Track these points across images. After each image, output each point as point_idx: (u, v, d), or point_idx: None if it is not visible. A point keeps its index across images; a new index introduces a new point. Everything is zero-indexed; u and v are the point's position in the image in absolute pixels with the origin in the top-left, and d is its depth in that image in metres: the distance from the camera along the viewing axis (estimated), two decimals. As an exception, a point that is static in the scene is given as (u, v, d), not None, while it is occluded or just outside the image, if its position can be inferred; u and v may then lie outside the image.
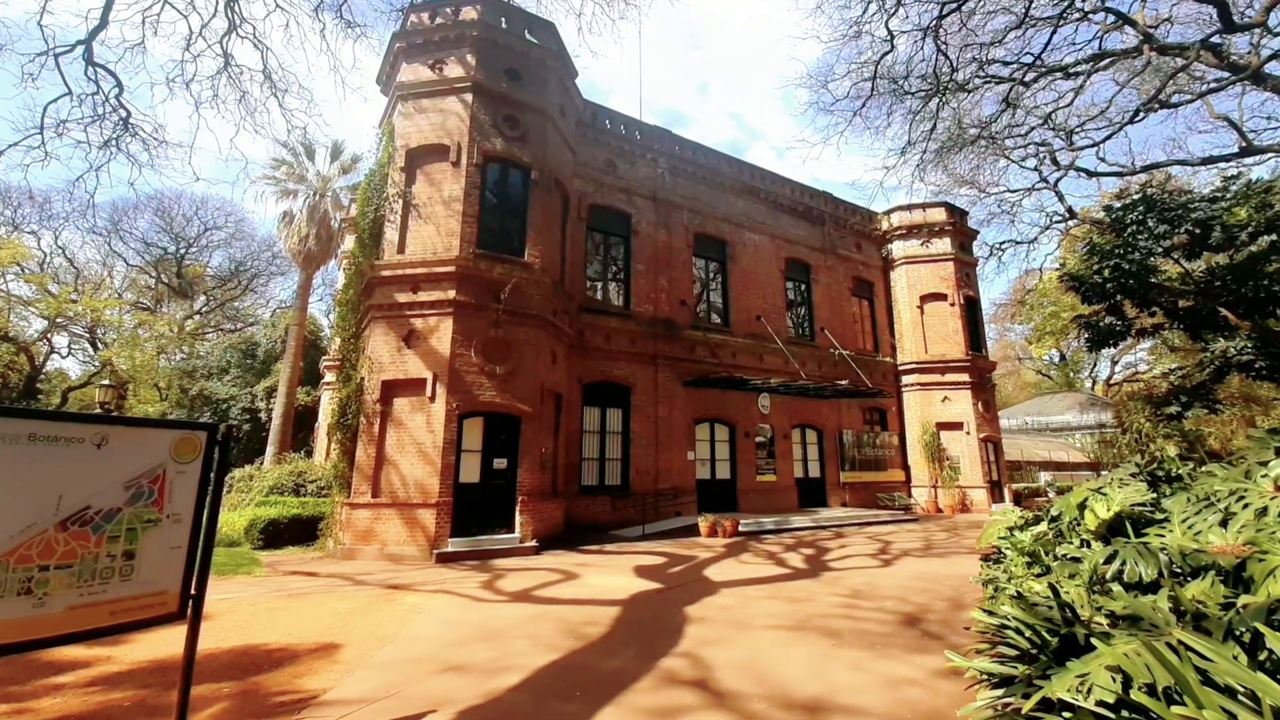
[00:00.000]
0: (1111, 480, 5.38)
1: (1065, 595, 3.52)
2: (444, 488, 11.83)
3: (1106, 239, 15.54)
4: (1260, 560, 3.14)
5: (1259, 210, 13.20)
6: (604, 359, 16.52)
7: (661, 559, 11.49)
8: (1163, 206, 14.62)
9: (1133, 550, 3.73)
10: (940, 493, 23.19)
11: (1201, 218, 14.15)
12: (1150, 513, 4.57)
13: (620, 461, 16.48)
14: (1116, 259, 15.06)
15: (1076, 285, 16.67)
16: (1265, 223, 13.13)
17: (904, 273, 25.42)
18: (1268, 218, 13.06)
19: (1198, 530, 3.96)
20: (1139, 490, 4.90)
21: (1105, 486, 5.20)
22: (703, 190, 20.01)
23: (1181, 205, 14.52)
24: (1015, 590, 4.49)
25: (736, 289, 20.15)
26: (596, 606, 7.69)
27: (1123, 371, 49.38)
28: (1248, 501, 3.92)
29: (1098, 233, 16.71)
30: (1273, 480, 4.02)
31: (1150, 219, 14.69)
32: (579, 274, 16.60)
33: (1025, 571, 5.16)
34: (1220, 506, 4.09)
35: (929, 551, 12.72)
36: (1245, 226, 13.36)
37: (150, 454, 3.45)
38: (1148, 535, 4.23)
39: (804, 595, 8.37)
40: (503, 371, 12.76)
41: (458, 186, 13.13)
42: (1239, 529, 3.67)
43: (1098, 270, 15.44)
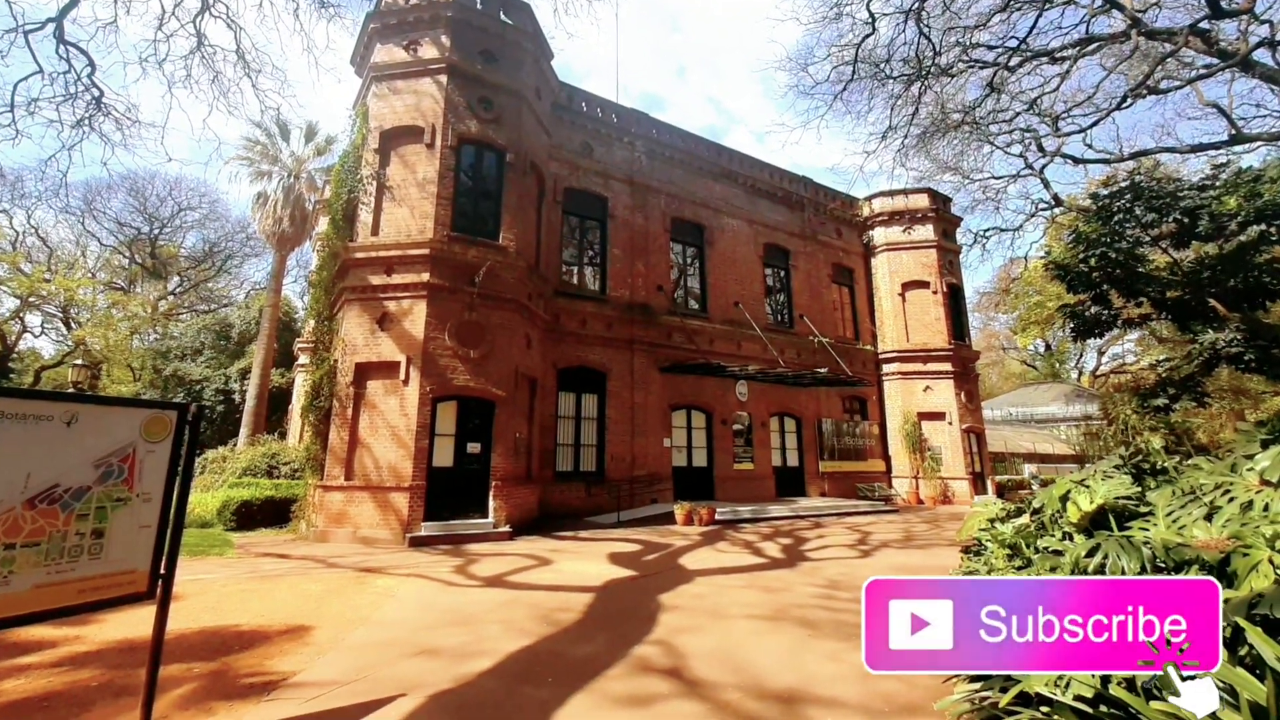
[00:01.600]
0: (1095, 472, 5.38)
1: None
2: (417, 471, 12.28)
3: (1093, 227, 15.40)
4: (1244, 555, 3.18)
5: (1248, 199, 13.22)
6: (579, 344, 16.97)
7: (636, 546, 11.79)
8: (1150, 194, 14.64)
9: (1115, 543, 3.76)
10: (921, 484, 23.70)
11: (1190, 206, 14.19)
12: (1135, 506, 4.59)
13: (595, 448, 17.00)
14: (1103, 247, 15.01)
15: (1062, 274, 16.21)
16: (1255, 212, 13.15)
17: (885, 259, 26.03)
18: (1257, 207, 13.09)
19: (1182, 524, 3.99)
20: (1123, 483, 4.92)
21: (1088, 479, 5.22)
22: (680, 174, 20.50)
23: (1170, 193, 14.54)
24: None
25: (714, 274, 20.68)
26: (569, 593, 7.85)
27: (1109, 363, 50.19)
28: (1233, 495, 3.99)
29: (1084, 220, 16.67)
30: (1258, 474, 4.06)
31: (1138, 207, 14.71)
32: (554, 258, 17.02)
33: (1006, 564, 5.19)
34: (1205, 500, 4.13)
35: (909, 543, 12.96)
36: (1235, 216, 13.38)
37: (120, 433, 3.51)
38: (1131, 529, 4.27)
39: (780, 585, 8.50)
40: (477, 355, 13.15)
41: (432, 169, 13.49)
42: (1223, 523, 3.73)
43: (1084, 259, 15.34)
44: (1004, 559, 5.31)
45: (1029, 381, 51.73)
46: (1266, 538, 3.30)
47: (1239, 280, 14.30)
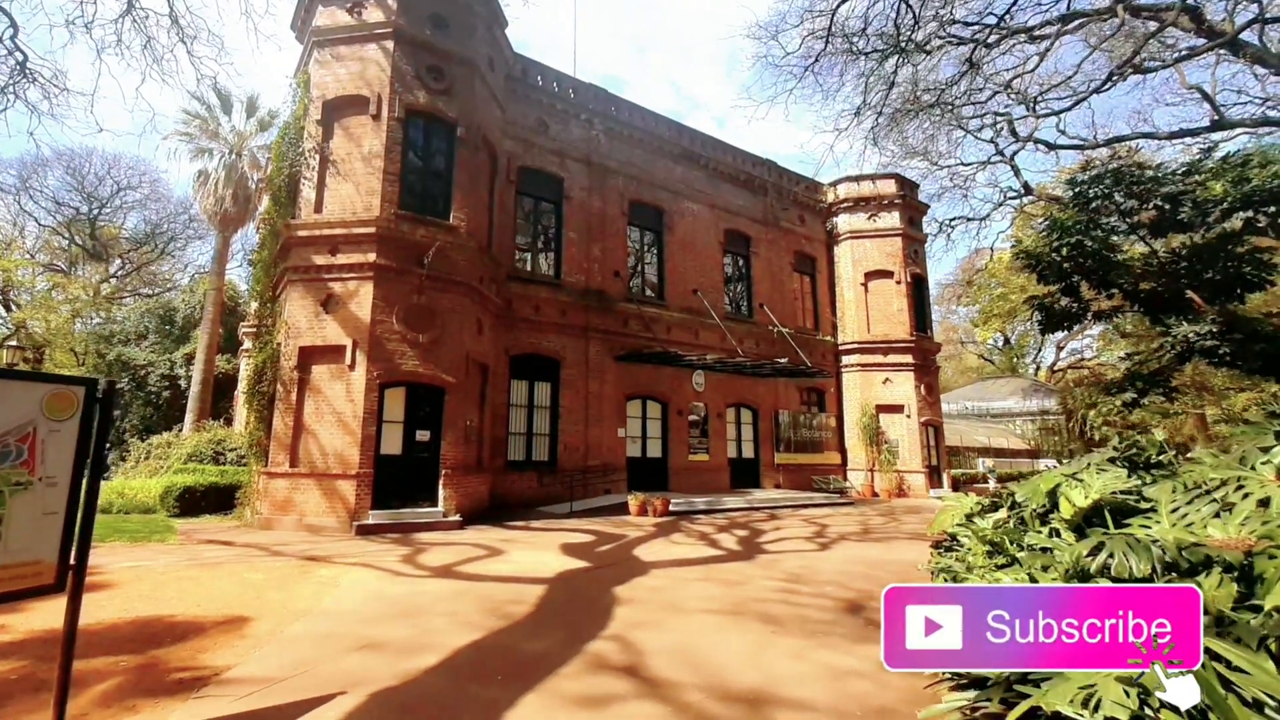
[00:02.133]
0: (1088, 465, 5.22)
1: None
2: (364, 459, 12.18)
3: (1069, 214, 15.47)
4: (1273, 556, 3.01)
5: (1236, 185, 13.07)
6: (533, 330, 16.92)
7: (590, 537, 11.84)
8: (1131, 180, 14.47)
9: (1121, 541, 3.55)
10: (877, 476, 24.11)
11: (1173, 192, 14.00)
12: (1134, 502, 4.42)
13: (548, 437, 17.01)
14: (1079, 235, 14.95)
15: (1033, 264, 16.39)
16: (1242, 198, 13.02)
17: (849, 248, 26.21)
18: (1245, 192, 12.96)
19: (1190, 521, 3.81)
20: (1119, 477, 4.76)
21: (1081, 472, 5.06)
22: (639, 155, 20.51)
23: (1152, 179, 14.37)
24: (984, 584, 4.44)
25: (673, 261, 20.77)
26: (521, 584, 7.76)
27: (1067, 358, 51.04)
28: (1248, 491, 3.78)
29: (1059, 208, 16.51)
30: (1275, 468, 3.88)
31: (1117, 193, 14.54)
32: (508, 240, 16.91)
33: (987, 562, 5.05)
34: (1216, 496, 3.92)
35: (867, 536, 13.06)
36: (1220, 202, 13.25)
37: (17, 410, 3.28)
38: (1130, 526, 4.08)
39: (739, 578, 8.46)
40: (426, 340, 13.03)
41: (378, 142, 13.28)
42: (1241, 520, 3.54)
43: (1056, 248, 15.28)
44: (984, 556, 5.22)
45: (986, 376, 52.71)
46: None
47: (1217, 271, 14.33)
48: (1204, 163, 14.22)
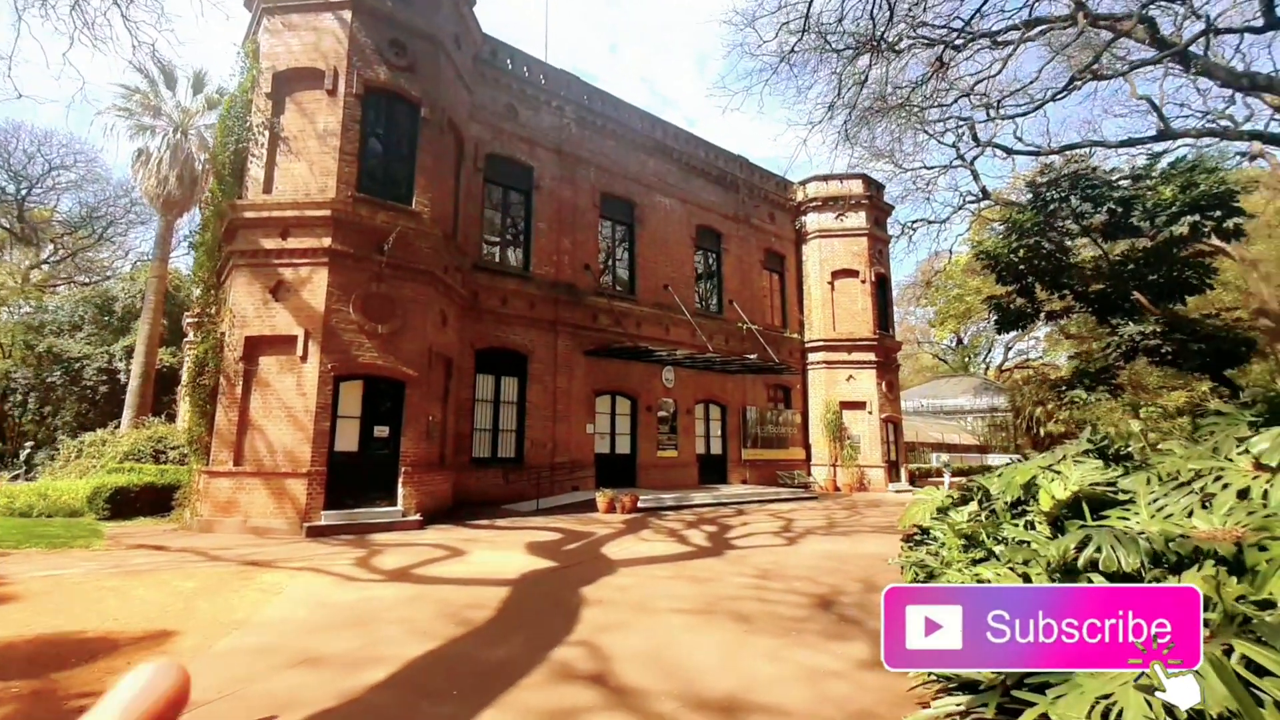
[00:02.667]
0: (1064, 458, 5.14)
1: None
2: (317, 456, 11.26)
3: (1028, 215, 15.75)
4: (1264, 548, 2.93)
5: (1184, 190, 13.53)
6: (500, 323, 16.09)
7: (556, 535, 11.33)
8: (1087, 184, 14.88)
9: (1108, 535, 3.47)
10: (839, 471, 23.97)
11: (1125, 196, 14.42)
12: (1111, 493, 4.36)
13: (515, 433, 16.21)
14: (1035, 237, 15.30)
15: (992, 264, 16.96)
16: (1190, 203, 13.47)
17: (817, 246, 25.95)
18: (1193, 197, 13.41)
19: (1169, 513, 3.78)
20: (1096, 468, 4.70)
21: (1058, 464, 5.00)
22: (611, 146, 19.73)
23: (1105, 183, 14.79)
24: (963, 579, 4.36)
25: (644, 255, 20.09)
26: (483, 587, 7.30)
27: (1015, 358, 52.35)
28: (1227, 481, 3.74)
29: (1018, 210, 16.76)
30: (1254, 458, 3.81)
31: (1074, 196, 14.89)
32: (474, 229, 16.02)
33: (962, 556, 5.00)
34: (1195, 488, 3.89)
35: (832, 530, 12.90)
36: (1169, 206, 13.63)
37: None
38: (1109, 518, 4.02)
39: (709, 575, 8.20)
40: (385, 331, 12.14)
41: (334, 119, 12.27)
42: (1226, 511, 3.50)
43: (1014, 249, 15.67)
44: (959, 549, 5.12)
45: (940, 374, 53.50)
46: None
47: (1162, 275, 14.81)
48: (1154, 168, 14.58)
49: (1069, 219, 15.24)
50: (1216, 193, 13.33)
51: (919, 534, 6.59)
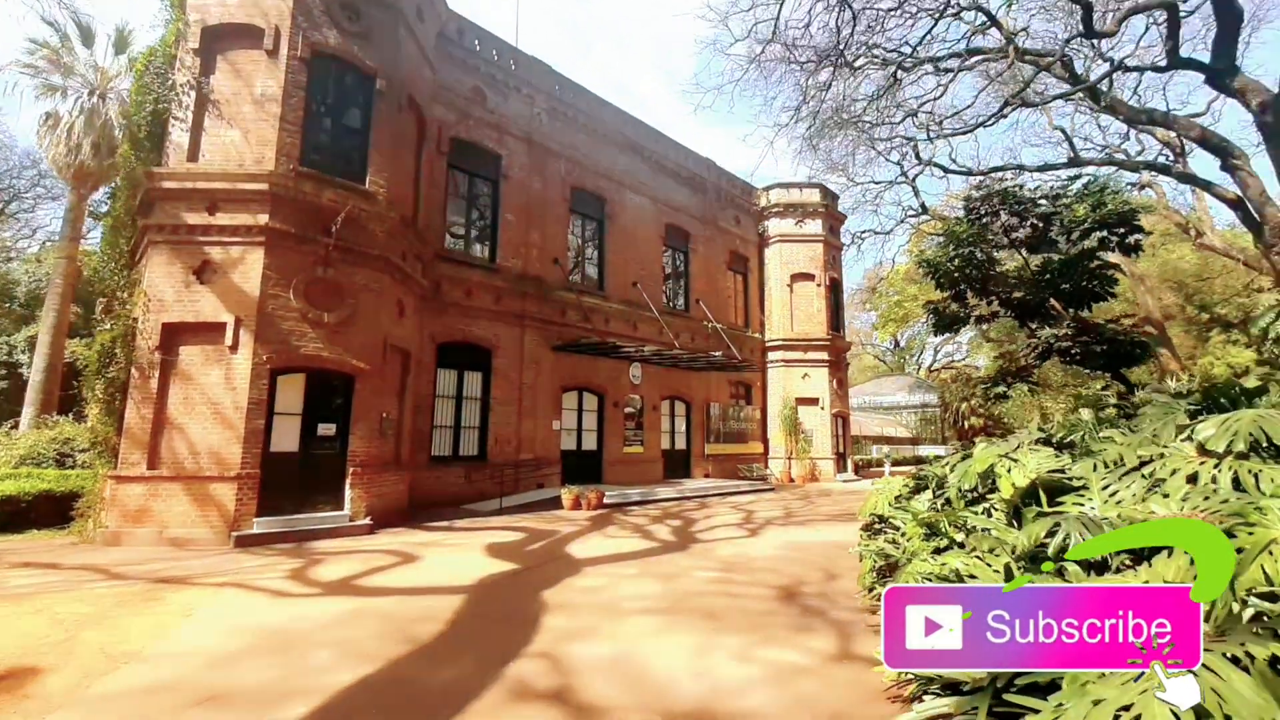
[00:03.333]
0: (1019, 446, 4.82)
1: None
2: (249, 457, 8.93)
3: (964, 227, 15.52)
4: (1232, 535, 2.67)
5: (1094, 209, 13.71)
6: (463, 316, 13.78)
7: (519, 535, 9.77)
8: (1014, 200, 14.88)
9: (1076, 523, 3.29)
10: (794, 464, 22.74)
11: (1045, 212, 14.51)
12: (1065, 480, 4.09)
13: (478, 430, 13.96)
14: (970, 247, 15.14)
15: (932, 271, 16.51)
16: (1098, 220, 13.69)
17: (778, 250, 24.43)
18: (1101, 215, 13.61)
19: (1121, 499, 3.57)
20: (1050, 456, 4.40)
21: (1014, 452, 4.64)
22: (583, 140, 17.47)
23: (1030, 200, 14.86)
24: (931, 569, 3.85)
25: (613, 251, 17.93)
26: (435, 596, 6.05)
27: (942, 359, 52.34)
28: (1175, 467, 3.56)
29: (956, 222, 16.46)
30: (1197, 444, 3.63)
31: (1003, 211, 14.86)
32: (437, 216, 13.66)
33: (924, 545, 4.56)
34: (1145, 473, 3.68)
35: (790, 520, 11.97)
36: (1082, 222, 13.82)
37: None
38: (1064, 504, 3.79)
39: (675, 570, 7.35)
40: (333, 320, 9.83)
41: (274, 83, 9.83)
42: (1182, 496, 3.26)
43: (951, 258, 15.44)
44: (920, 538, 4.77)
45: (879, 374, 53.06)
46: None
47: (1072, 284, 14.97)
48: (1070, 188, 14.88)
49: (999, 232, 15.23)
50: (1122, 212, 13.66)
51: (878, 523, 6.17)
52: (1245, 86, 11.59)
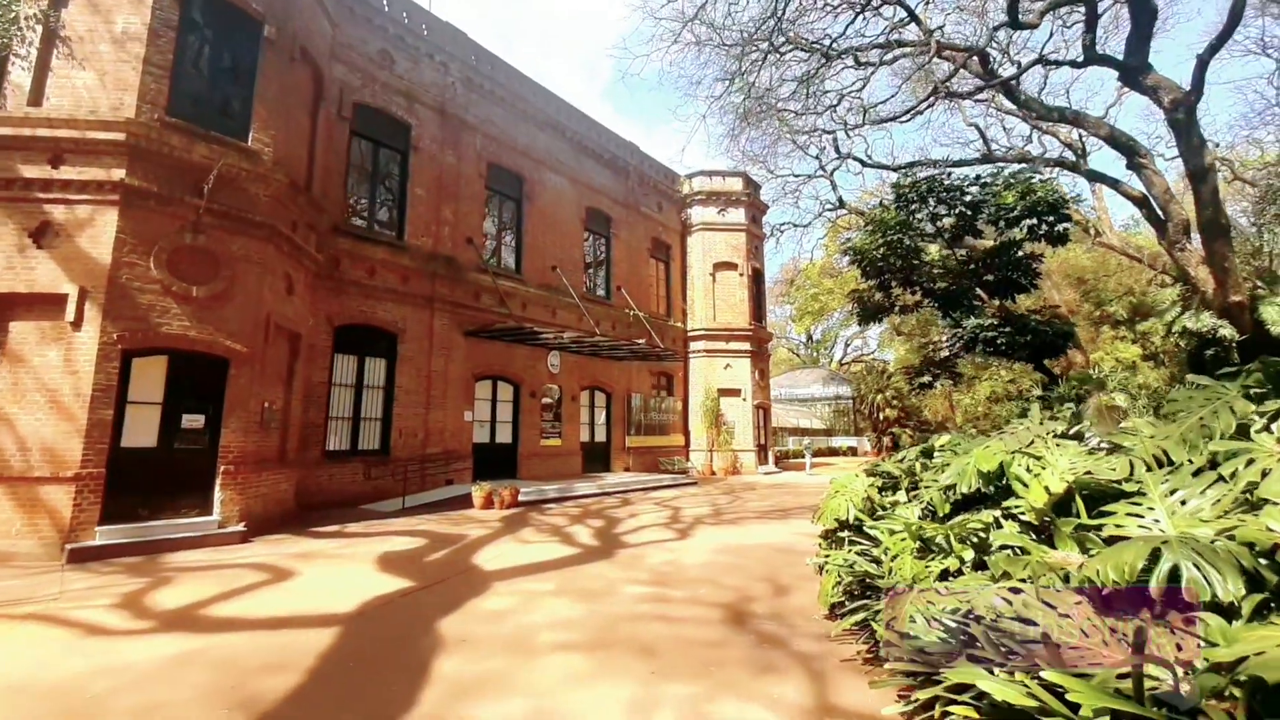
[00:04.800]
0: (1041, 440, 4.07)
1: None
2: (92, 454, 7.63)
3: (892, 214, 15.59)
4: None
5: (1022, 196, 13.80)
6: (365, 297, 12.59)
7: (420, 541, 8.66)
8: (942, 188, 14.94)
9: (1184, 549, 2.35)
10: (716, 456, 22.56)
11: (974, 200, 14.55)
12: (1111, 484, 3.31)
13: (380, 421, 12.82)
14: (897, 234, 15.20)
15: (859, 259, 16.55)
16: (1028, 208, 13.75)
17: (701, 239, 24.15)
18: (1030, 203, 13.68)
19: (1197, 508, 2.83)
20: (1081, 454, 3.66)
21: (1036, 447, 3.94)
22: (500, 114, 16.44)
23: (958, 188, 14.88)
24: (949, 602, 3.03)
25: (532, 233, 17.04)
26: (300, 631, 4.88)
27: (854, 353, 54.22)
28: (1267, 467, 2.76)
29: (881, 210, 16.70)
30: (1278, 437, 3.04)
31: (931, 198, 14.96)
32: (337, 186, 12.39)
33: (920, 564, 3.77)
34: (1224, 473, 2.91)
35: (720, 518, 11.30)
36: (1011, 210, 13.87)
37: None
38: (1115, 516, 3.02)
39: (600, 585, 6.36)
40: (204, 295, 8.58)
41: (138, 21, 8.42)
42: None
43: (879, 245, 15.47)
44: (911, 553, 3.94)
45: (794, 367, 54.20)
46: None
47: (997, 275, 15.22)
48: (999, 176, 15.00)
49: (926, 220, 15.41)
50: (1050, 200, 13.73)
51: (842, 530, 5.42)
52: (1158, 83, 11.63)
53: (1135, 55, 11.73)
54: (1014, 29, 13.88)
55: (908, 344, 40.59)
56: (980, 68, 14.93)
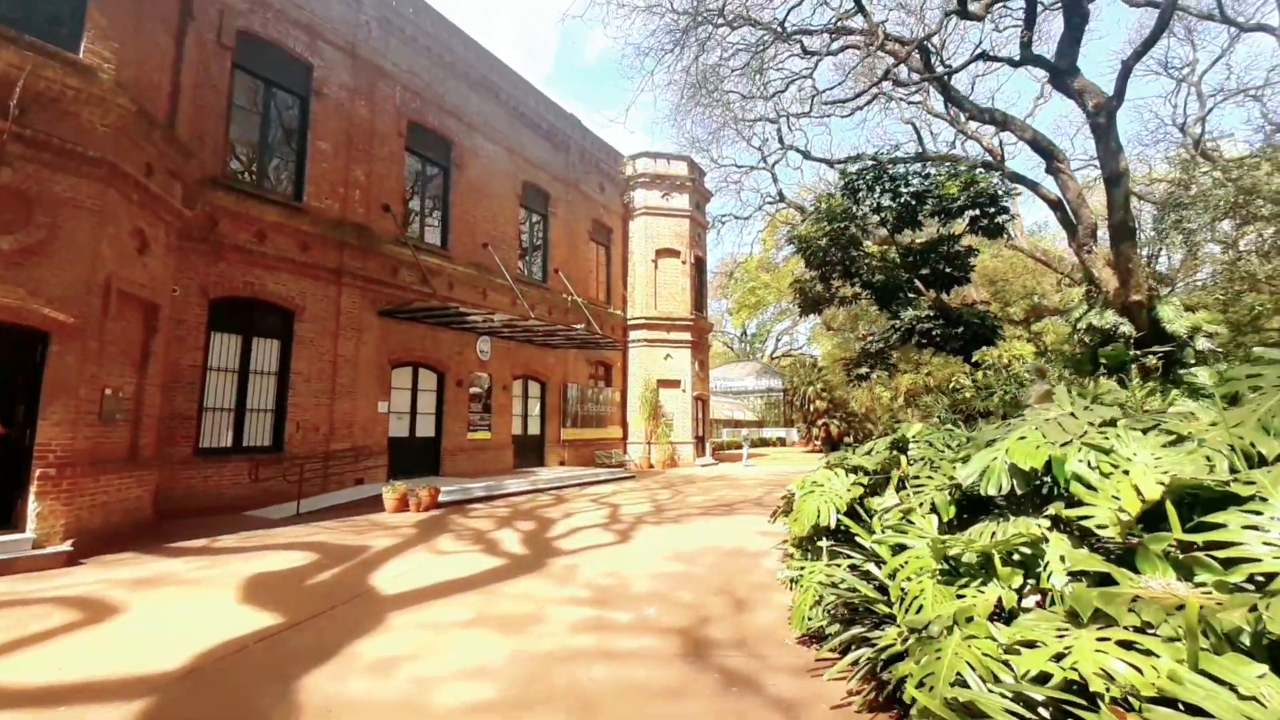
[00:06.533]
0: (1100, 425, 3.16)
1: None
2: None
3: (838, 201, 15.31)
4: None
5: (966, 187, 13.75)
6: (253, 265, 10.39)
7: (308, 556, 6.89)
8: (888, 176, 14.73)
9: None
10: (654, 449, 21.25)
11: (919, 190, 14.38)
12: (1220, 487, 2.42)
13: (273, 413, 10.68)
14: (842, 222, 14.86)
15: (804, 248, 16.13)
16: (971, 199, 13.74)
17: (643, 224, 22.58)
18: (973, 194, 13.68)
19: None
20: (1168, 448, 2.76)
21: (1089, 437, 3.02)
22: (426, 67, 14.31)
23: (903, 177, 14.72)
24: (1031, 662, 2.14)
25: (461, 205, 15.02)
26: (88, 707, 3.31)
27: (784, 347, 54.39)
28: None
29: (828, 198, 16.39)
30: None
31: (878, 187, 14.69)
32: (215, 129, 10.10)
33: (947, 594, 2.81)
34: None
35: (662, 516, 10.13)
36: (954, 200, 13.79)
37: None
38: (1227, 529, 2.23)
39: (528, 610, 5.03)
40: (10, 247, 6.39)
41: None
42: None
43: (824, 234, 15.13)
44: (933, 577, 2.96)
45: (729, 360, 53.77)
46: None
47: (931, 268, 15.20)
48: (942, 167, 15.07)
49: (870, 210, 15.18)
50: (992, 192, 13.77)
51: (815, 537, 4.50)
52: (1085, 87, 12.13)
53: (1065, 57, 11.99)
54: (962, 18, 13.87)
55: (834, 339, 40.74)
56: (921, 63, 14.98)
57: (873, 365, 17.99)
